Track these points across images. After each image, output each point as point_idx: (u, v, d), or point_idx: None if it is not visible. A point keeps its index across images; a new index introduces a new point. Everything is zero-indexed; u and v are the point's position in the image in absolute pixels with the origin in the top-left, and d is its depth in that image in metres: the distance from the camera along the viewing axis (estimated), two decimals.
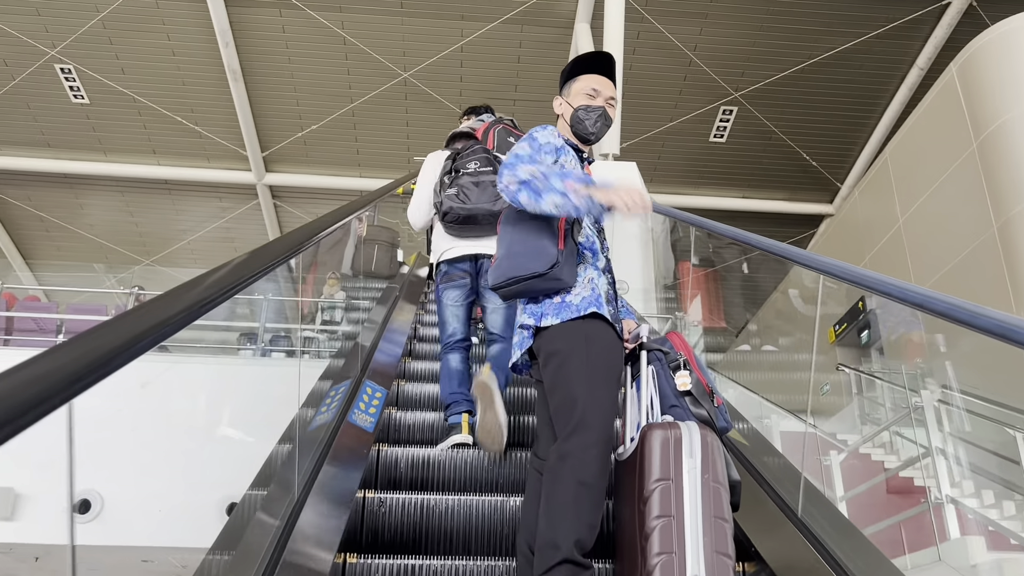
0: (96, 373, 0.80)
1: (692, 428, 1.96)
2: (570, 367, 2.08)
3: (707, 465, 1.91)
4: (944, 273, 6.11)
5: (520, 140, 2.28)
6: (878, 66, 10.02)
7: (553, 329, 2.14)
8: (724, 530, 1.87)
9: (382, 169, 11.00)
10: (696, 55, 9.92)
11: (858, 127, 10.84)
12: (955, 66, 6.20)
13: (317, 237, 2.19)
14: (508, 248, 2.20)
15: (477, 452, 2.98)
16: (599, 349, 2.12)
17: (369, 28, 9.67)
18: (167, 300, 1.04)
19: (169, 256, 13.00)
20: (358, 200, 3.50)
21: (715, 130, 10.88)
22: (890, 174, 7.10)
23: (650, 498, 1.88)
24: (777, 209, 11.90)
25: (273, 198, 11.92)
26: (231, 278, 1.28)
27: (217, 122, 10.77)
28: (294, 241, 1.90)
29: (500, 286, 2.19)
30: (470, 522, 2.60)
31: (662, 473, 1.90)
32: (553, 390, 2.10)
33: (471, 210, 3.27)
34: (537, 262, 2.12)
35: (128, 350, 0.86)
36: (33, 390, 0.71)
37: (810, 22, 9.58)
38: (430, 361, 4.37)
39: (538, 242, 2.14)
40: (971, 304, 1.44)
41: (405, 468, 2.95)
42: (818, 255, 2.26)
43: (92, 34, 9.59)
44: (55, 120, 10.72)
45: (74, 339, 0.82)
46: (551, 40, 9.86)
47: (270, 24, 9.61)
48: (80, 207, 12.11)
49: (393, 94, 10.38)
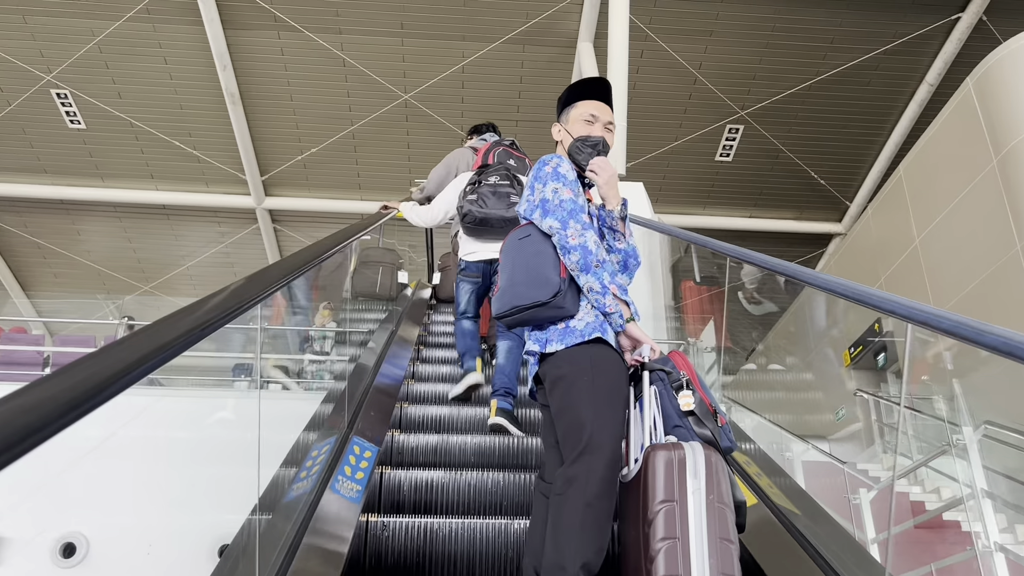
0: (50, 427, 0.71)
1: (696, 448, 1.96)
2: (576, 391, 2.09)
3: (712, 486, 1.90)
4: (965, 294, 5.89)
5: (549, 177, 2.31)
6: (887, 82, 9.85)
7: (558, 355, 2.16)
8: (730, 552, 1.85)
9: (383, 192, 10.82)
10: (701, 73, 9.76)
11: (867, 144, 10.65)
12: (972, 80, 6.01)
13: (300, 271, 2.05)
14: (511, 277, 2.24)
15: (480, 475, 2.99)
16: (605, 372, 2.14)
17: (369, 49, 9.54)
18: (144, 336, 0.98)
19: (168, 282, 12.82)
20: (355, 225, 3.43)
21: (721, 149, 10.70)
22: (905, 192, 6.89)
23: (655, 520, 1.87)
24: (785, 228, 11.70)
25: (273, 222, 11.75)
26: (214, 312, 1.21)
27: (216, 146, 10.62)
28: (272, 277, 1.73)
29: (504, 315, 2.22)
30: (474, 546, 2.58)
31: (666, 495, 1.90)
32: (560, 414, 2.12)
33: (487, 214, 3.82)
34: (540, 291, 2.17)
35: (83, 403, 0.76)
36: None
37: (817, 39, 9.43)
38: (433, 383, 4.43)
39: (541, 270, 2.20)
40: (975, 321, 1.44)
41: (408, 491, 2.94)
42: (839, 279, 2.19)
43: (88, 59, 9.47)
44: (51, 146, 10.58)
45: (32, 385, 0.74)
46: (553, 60, 9.71)
47: (268, 47, 9.48)
48: (77, 233, 11.95)
49: (393, 116, 10.23)
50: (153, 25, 9.18)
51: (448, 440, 3.43)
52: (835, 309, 8.17)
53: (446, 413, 3.85)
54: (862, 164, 10.93)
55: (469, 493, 2.96)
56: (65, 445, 0.83)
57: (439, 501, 2.95)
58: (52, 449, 0.75)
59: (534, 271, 2.20)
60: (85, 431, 0.85)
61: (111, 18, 9.05)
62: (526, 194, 2.36)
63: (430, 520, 2.61)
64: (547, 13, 9.17)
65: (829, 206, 11.49)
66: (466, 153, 4.82)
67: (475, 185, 3.96)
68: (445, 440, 3.42)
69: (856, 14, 9.12)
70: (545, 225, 2.24)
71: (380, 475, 2.95)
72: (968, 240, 5.99)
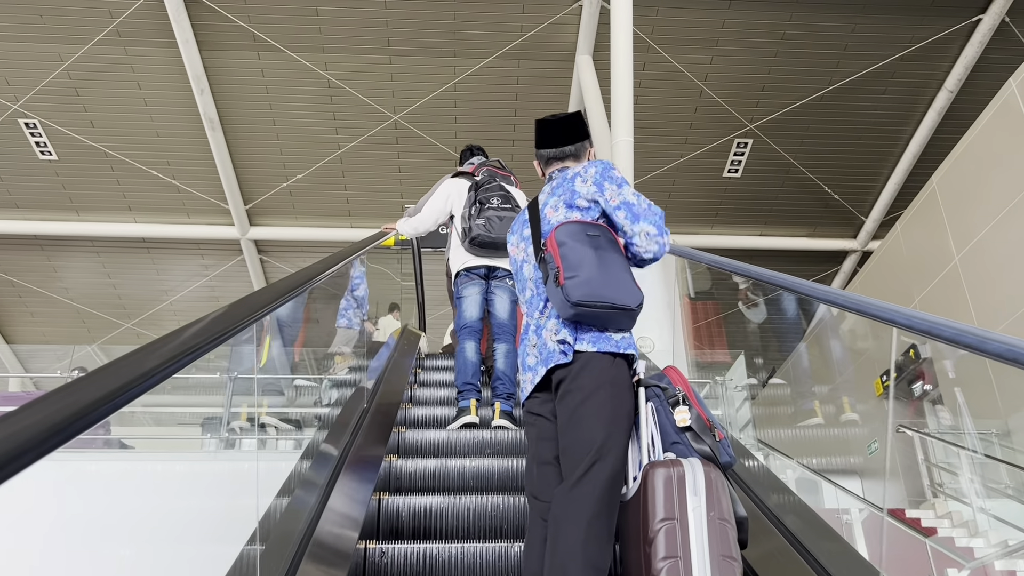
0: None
1: (695, 465, 1.95)
2: (593, 406, 2.08)
3: (712, 502, 1.89)
4: (1020, 315, 5.30)
5: (623, 180, 2.35)
6: (903, 90, 9.32)
7: (584, 360, 2.15)
8: (733, 569, 1.83)
9: (374, 218, 10.24)
10: (707, 85, 9.23)
11: (883, 156, 10.11)
12: (1015, 82, 5.46)
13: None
14: (590, 272, 2.17)
15: (480, 499, 2.98)
16: (622, 394, 2.14)
17: (355, 69, 9.00)
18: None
19: (151, 318, 12.20)
20: (335, 254, 3.03)
21: (729, 164, 10.16)
22: (940, 205, 6.33)
23: (655, 539, 1.86)
24: (797, 246, 11.13)
25: (259, 253, 11.16)
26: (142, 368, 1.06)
27: (196, 175, 10.05)
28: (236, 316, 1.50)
29: (587, 304, 2.13)
30: (474, 570, 2.56)
31: (666, 513, 1.88)
32: (571, 425, 2.09)
33: (495, 239, 4.09)
34: (628, 297, 2.17)
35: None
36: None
37: (828, 46, 8.91)
38: (432, 407, 4.42)
39: (624, 276, 2.21)
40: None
41: (407, 517, 2.92)
42: (883, 302, 2.00)
43: (57, 85, 8.92)
44: (22, 178, 10.01)
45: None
46: (550, 75, 9.19)
47: (248, 68, 8.93)
48: (53, 270, 11.34)
49: (383, 138, 9.68)
50: (124, 48, 8.64)
51: (447, 464, 3.37)
52: (862, 333, 7.58)
53: (444, 438, 3.79)
54: (878, 177, 10.38)
55: (468, 517, 2.93)
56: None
57: (438, 526, 2.92)
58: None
59: (615, 275, 2.19)
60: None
61: (79, 42, 8.51)
62: (587, 191, 2.33)
63: (429, 545, 2.59)
64: (543, 25, 8.65)
65: (843, 222, 10.93)
66: (460, 184, 4.61)
67: (480, 207, 4.21)
68: (443, 464, 3.37)
69: (870, 19, 8.61)
70: (636, 228, 2.26)
71: (379, 501, 2.93)
72: (1018, 256, 5.41)
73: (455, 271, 4.38)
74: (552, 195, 2.43)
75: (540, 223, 2.41)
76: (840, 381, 8.02)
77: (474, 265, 4.29)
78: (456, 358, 4.22)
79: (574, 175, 2.41)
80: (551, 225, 2.35)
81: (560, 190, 2.41)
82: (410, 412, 4.26)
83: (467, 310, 4.25)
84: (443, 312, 8.11)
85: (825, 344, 8.24)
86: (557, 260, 2.22)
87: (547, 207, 2.41)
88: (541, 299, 2.32)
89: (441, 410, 4.34)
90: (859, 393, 7.51)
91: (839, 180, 10.35)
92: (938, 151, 9.63)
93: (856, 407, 7.63)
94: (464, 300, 4.27)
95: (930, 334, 1.70)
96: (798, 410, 7.62)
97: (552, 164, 2.54)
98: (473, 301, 4.26)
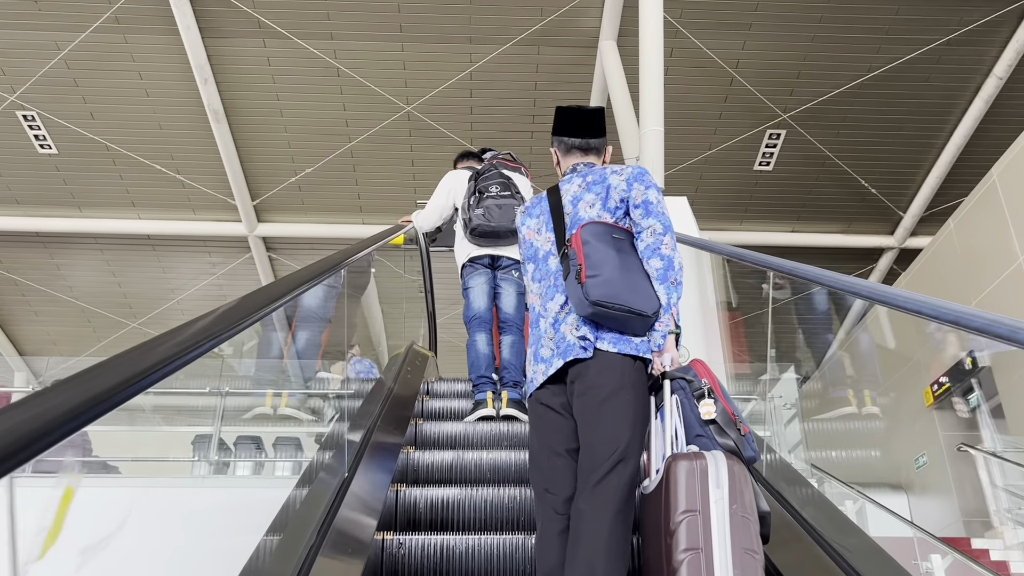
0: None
1: (718, 458, 1.96)
2: (617, 406, 2.11)
3: (735, 495, 1.89)
4: None
5: (654, 186, 2.39)
6: (948, 77, 8.74)
7: (604, 359, 2.17)
8: (755, 563, 1.82)
9: (386, 214, 9.77)
10: (738, 73, 8.70)
11: (924, 148, 9.53)
12: None
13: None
14: (611, 273, 2.21)
15: (496, 491, 2.96)
16: (642, 395, 2.19)
17: (365, 57, 8.53)
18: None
19: (158, 318, 11.81)
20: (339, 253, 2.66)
21: (761, 157, 9.61)
22: (1001, 200, 5.79)
23: (676, 531, 1.86)
24: (831, 243, 10.58)
25: (268, 250, 10.74)
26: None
27: (201, 169, 9.64)
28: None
29: (605, 305, 2.16)
30: (491, 562, 2.56)
31: (688, 505, 1.88)
32: (593, 424, 2.11)
33: (495, 228, 4.12)
34: (645, 303, 2.20)
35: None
36: None
37: (868, 30, 8.35)
38: (449, 399, 4.36)
39: (645, 283, 2.25)
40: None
41: (424, 509, 2.92)
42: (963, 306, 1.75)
43: (55, 75, 8.51)
44: (21, 173, 9.63)
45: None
46: (572, 63, 8.68)
47: (253, 56, 8.49)
48: (56, 268, 10.97)
49: (395, 130, 9.21)
50: (124, 36, 8.22)
51: (463, 456, 3.34)
52: (911, 340, 7.06)
53: (461, 430, 3.75)
54: (918, 170, 9.80)
55: (485, 509, 2.93)
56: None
57: (455, 518, 2.92)
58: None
59: (635, 280, 2.23)
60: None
61: (76, 29, 8.09)
62: (619, 190, 2.36)
63: (446, 537, 2.58)
64: (564, 9, 8.14)
65: (880, 218, 10.35)
66: (460, 175, 4.67)
67: (479, 196, 4.20)
68: (460, 456, 3.34)
69: (914, 1, 8.04)
70: (645, 224, 2.32)
71: (396, 493, 2.92)
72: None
73: (460, 263, 4.40)
74: (588, 191, 2.40)
75: (563, 216, 2.41)
76: (882, 389, 7.48)
77: (478, 255, 4.30)
78: (468, 351, 4.23)
79: (611, 171, 2.43)
80: (580, 221, 2.36)
81: (597, 187, 2.40)
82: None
83: (475, 300, 4.26)
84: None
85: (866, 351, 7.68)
86: (580, 257, 2.23)
87: (581, 202, 2.39)
88: (563, 293, 2.31)
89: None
90: (906, 403, 6.98)
91: (877, 173, 9.78)
92: (986, 142, 9.07)
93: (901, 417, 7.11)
94: (471, 291, 4.29)
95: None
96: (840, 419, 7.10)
97: (574, 155, 2.53)
98: (480, 291, 4.27)
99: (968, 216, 6.33)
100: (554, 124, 2.54)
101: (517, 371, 4.11)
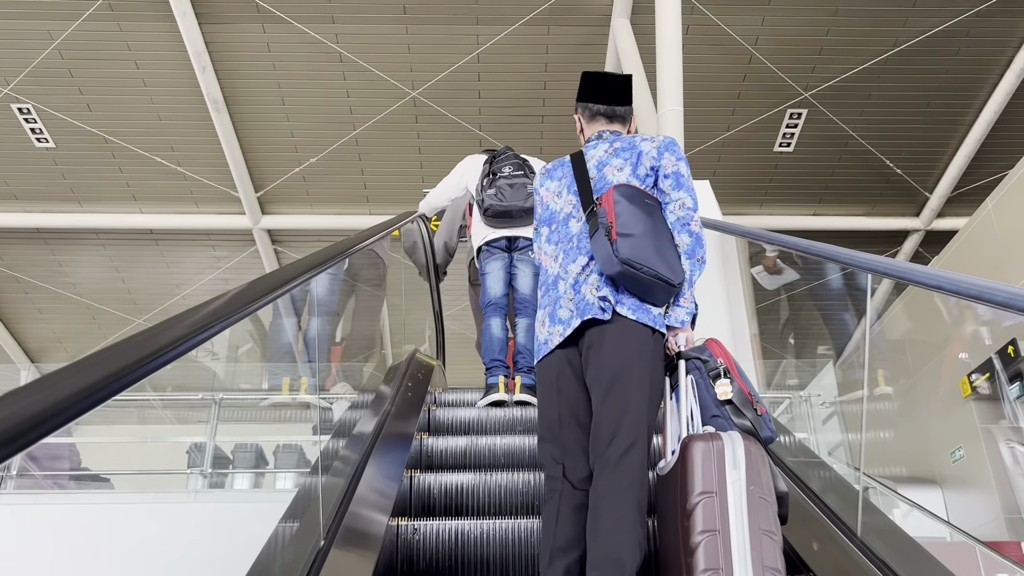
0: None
1: (735, 438, 1.93)
2: (634, 381, 2.09)
3: (752, 476, 1.87)
4: None
5: (684, 159, 2.40)
6: (979, 50, 8.34)
7: (622, 325, 2.15)
8: (772, 544, 1.81)
9: (394, 203, 9.49)
10: (757, 50, 8.33)
11: (952, 125, 9.14)
12: None
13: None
14: (643, 236, 2.17)
15: (511, 475, 2.96)
16: (659, 372, 2.19)
17: (369, 41, 8.22)
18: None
19: (164, 313, 11.56)
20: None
21: (781, 137, 9.25)
22: None
23: (693, 512, 1.84)
24: (853, 226, 10.22)
25: (273, 243, 10.47)
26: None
27: (203, 160, 9.36)
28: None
29: (634, 264, 2.12)
30: (506, 547, 2.56)
31: (705, 486, 1.86)
32: (612, 397, 2.08)
33: (507, 207, 4.08)
34: (672, 273, 2.18)
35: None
36: None
37: (893, 3, 7.95)
38: (461, 392, 4.40)
39: (673, 253, 2.24)
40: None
41: (439, 495, 2.93)
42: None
43: (48, 66, 8.24)
44: (18, 168, 9.38)
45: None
46: (584, 42, 8.34)
47: (253, 43, 8.19)
48: (58, 264, 10.75)
49: (401, 116, 8.90)
50: (118, 23, 7.92)
51: (477, 442, 3.35)
52: (943, 326, 6.72)
53: (474, 416, 3.76)
54: (945, 149, 9.41)
55: (500, 494, 2.93)
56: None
57: (470, 503, 2.93)
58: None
59: (665, 247, 2.20)
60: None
61: (69, 17, 7.80)
62: (650, 157, 2.34)
63: (461, 522, 2.60)
64: None
65: (905, 199, 9.98)
66: (476, 159, 4.63)
67: (492, 177, 4.17)
68: (474, 442, 3.36)
69: None
70: (675, 196, 2.31)
71: (410, 479, 2.94)
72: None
73: (476, 246, 4.37)
74: (616, 156, 2.38)
75: (588, 179, 2.36)
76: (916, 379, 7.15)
77: (494, 238, 4.25)
78: (482, 335, 4.25)
79: (641, 139, 2.41)
80: (608, 183, 2.33)
81: (626, 153, 2.37)
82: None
83: (491, 287, 4.23)
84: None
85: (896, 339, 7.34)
86: (611, 216, 2.20)
87: (608, 167, 2.37)
88: (585, 255, 2.27)
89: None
90: (941, 394, 6.66)
91: (902, 153, 9.40)
92: (1018, 118, 8.69)
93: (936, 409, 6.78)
94: (488, 276, 4.26)
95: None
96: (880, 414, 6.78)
97: (599, 121, 2.50)
98: (496, 277, 4.24)
99: (1007, 196, 5.98)
100: (580, 90, 2.49)
101: (532, 356, 3.95)
